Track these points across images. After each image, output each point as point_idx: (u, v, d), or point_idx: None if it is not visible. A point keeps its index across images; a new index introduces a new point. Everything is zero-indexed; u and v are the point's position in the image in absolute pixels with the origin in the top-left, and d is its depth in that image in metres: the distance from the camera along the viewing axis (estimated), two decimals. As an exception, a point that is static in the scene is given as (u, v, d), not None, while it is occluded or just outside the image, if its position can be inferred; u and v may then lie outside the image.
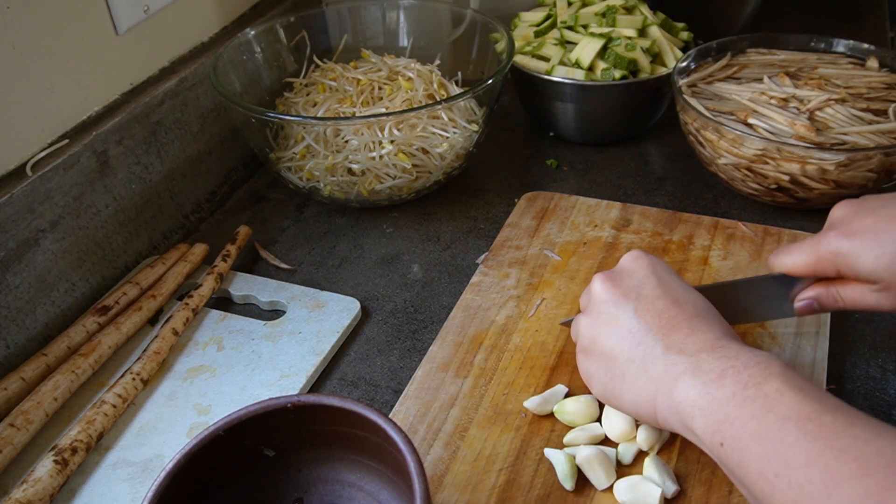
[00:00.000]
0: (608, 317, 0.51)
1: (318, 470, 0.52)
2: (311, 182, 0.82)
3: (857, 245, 0.51)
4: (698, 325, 0.48)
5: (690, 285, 0.53)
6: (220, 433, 0.47)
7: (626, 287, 0.51)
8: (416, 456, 0.44)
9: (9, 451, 0.56)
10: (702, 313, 0.49)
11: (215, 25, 0.91)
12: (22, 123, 0.67)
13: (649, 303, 0.50)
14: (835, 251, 0.52)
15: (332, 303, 0.72)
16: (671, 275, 0.52)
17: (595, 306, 0.53)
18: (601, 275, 0.54)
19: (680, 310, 0.49)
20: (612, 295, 0.51)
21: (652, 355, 0.48)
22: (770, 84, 0.81)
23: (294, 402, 0.48)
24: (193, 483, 0.46)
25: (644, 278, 0.51)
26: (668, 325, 0.48)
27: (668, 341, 0.48)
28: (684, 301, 0.50)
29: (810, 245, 0.54)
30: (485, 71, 0.92)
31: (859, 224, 0.52)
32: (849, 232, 0.52)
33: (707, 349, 0.46)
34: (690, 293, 0.51)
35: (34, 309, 0.68)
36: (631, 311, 0.50)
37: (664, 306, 0.49)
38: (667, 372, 0.46)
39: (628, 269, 0.53)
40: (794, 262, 0.55)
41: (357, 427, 0.48)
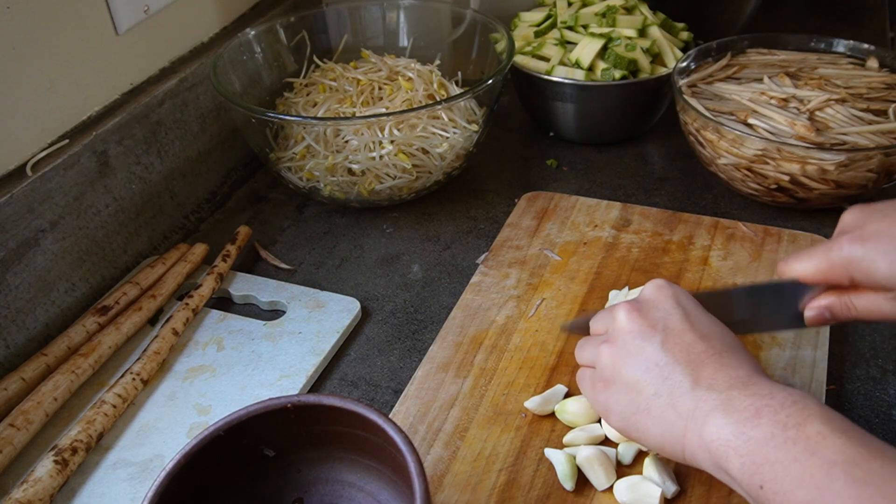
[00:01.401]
0: (634, 348, 0.49)
1: (318, 470, 0.52)
2: (311, 182, 0.82)
3: (871, 250, 0.49)
4: (727, 361, 0.46)
5: (715, 318, 0.51)
6: (220, 433, 0.47)
7: (652, 318, 0.50)
8: (416, 456, 0.44)
9: (9, 451, 0.56)
10: (730, 348, 0.48)
11: (215, 25, 0.91)
12: (22, 123, 0.67)
13: (677, 336, 0.48)
14: (848, 257, 0.50)
15: (332, 303, 0.72)
16: (696, 306, 0.51)
17: (619, 336, 0.50)
18: (626, 304, 0.51)
19: (708, 345, 0.47)
20: (638, 326, 0.50)
21: (680, 390, 0.46)
22: (770, 84, 0.81)
23: (294, 402, 0.48)
24: (193, 483, 0.47)
25: (671, 310, 0.50)
26: (696, 359, 0.47)
27: (696, 376, 0.46)
28: (712, 335, 0.48)
29: (822, 251, 0.52)
30: (485, 71, 0.92)
31: (872, 228, 0.50)
32: (862, 237, 0.50)
33: (738, 386, 0.44)
34: (717, 326, 0.50)
35: (34, 309, 0.68)
36: (658, 344, 0.48)
37: (692, 340, 0.48)
38: (696, 408, 0.45)
39: (653, 299, 0.51)
40: (806, 269, 0.52)
41: (357, 427, 0.48)
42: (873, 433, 0.58)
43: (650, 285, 0.52)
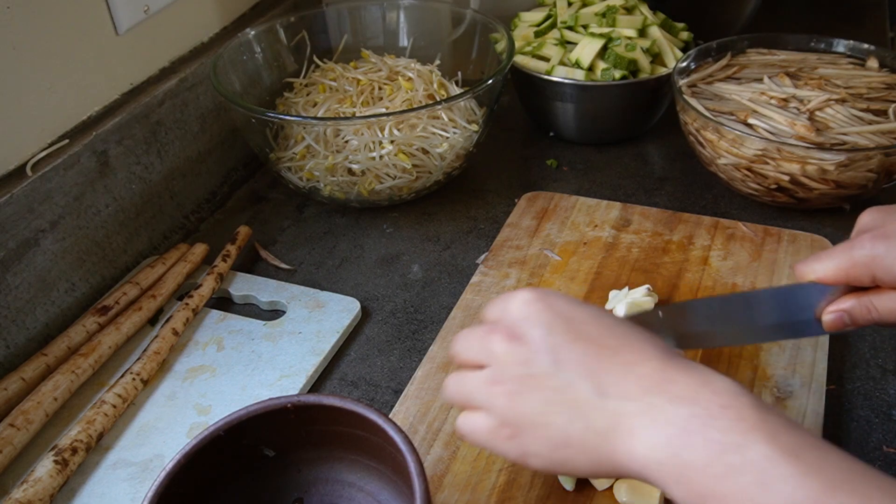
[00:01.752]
0: (526, 380, 0.42)
1: (318, 470, 0.52)
2: (311, 182, 0.82)
3: (893, 247, 0.47)
4: (629, 357, 0.41)
5: (598, 307, 0.46)
6: (220, 433, 0.47)
7: (533, 340, 0.43)
8: (416, 456, 0.44)
9: (9, 451, 0.56)
10: (626, 340, 0.42)
11: (215, 25, 0.91)
12: (22, 123, 0.67)
13: (566, 350, 0.42)
14: (871, 255, 0.48)
15: (332, 303, 0.72)
16: (575, 306, 0.44)
17: (504, 371, 0.43)
18: (500, 332, 0.44)
19: (602, 346, 0.42)
20: (520, 355, 0.43)
21: (591, 408, 0.40)
22: (770, 84, 0.81)
23: (294, 402, 0.48)
24: (193, 483, 0.47)
25: (550, 322, 0.43)
26: (596, 368, 0.41)
27: (602, 387, 0.41)
28: (603, 334, 0.43)
29: (843, 250, 0.50)
30: (485, 71, 0.92)
31: (894, 226, 0.49)
32: (884, 234, 0.48)
33: (653, 388, 0.39)
34: (605, 319, 0.44)
35: (34, 309, 0.68)
36: (549, 366, 0.42)
37: (584, 349, 0.42)
38: (617, 424, 0.40)
39: (526, 316, 0.44)
40: (827, 269, 0.50)
41: (357, 427, 0.48)
42: (873, 433, 0.58)
43: (517, 302, 0.45)
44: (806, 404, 0.59)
